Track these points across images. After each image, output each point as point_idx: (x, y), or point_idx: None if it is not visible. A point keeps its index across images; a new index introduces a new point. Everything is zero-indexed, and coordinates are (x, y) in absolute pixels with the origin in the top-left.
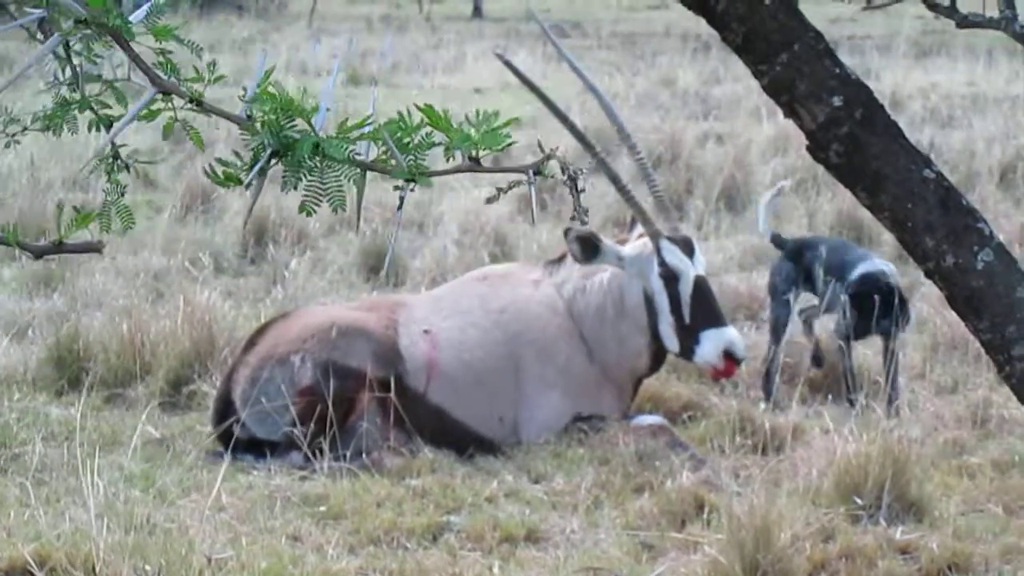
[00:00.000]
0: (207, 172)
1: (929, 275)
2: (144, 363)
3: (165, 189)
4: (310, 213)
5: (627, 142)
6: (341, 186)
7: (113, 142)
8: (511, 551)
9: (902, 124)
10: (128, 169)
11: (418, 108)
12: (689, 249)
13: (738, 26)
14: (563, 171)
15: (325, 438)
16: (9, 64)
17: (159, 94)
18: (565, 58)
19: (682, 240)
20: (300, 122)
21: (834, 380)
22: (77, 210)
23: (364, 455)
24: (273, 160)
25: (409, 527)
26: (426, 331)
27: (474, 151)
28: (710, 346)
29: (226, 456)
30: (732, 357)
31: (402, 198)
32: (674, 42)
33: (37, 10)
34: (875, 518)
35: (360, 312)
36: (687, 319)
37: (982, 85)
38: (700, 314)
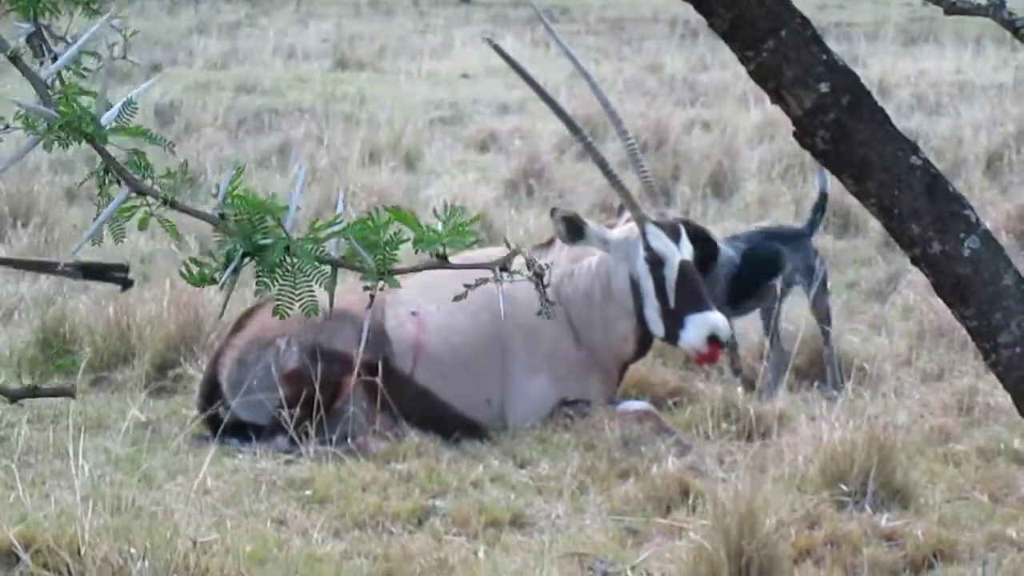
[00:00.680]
0: (182, 272)
1: (915, 262)
2: (130, 347)
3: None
4: (284, 316)
5: (618, 127)
6: (312, 290)
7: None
8: (496, 536)
9: (889, 111)
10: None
11: (386, 209)
12: (675, 234)
13: (725, 12)
14: (529, 267)
15: (311, 422)
16: None
17: (133, 193)
18: (558, 42)
19: (668, 225)
20: (270, 221)
21: (820, 368)
22: (55, 352)
23: (350, 439)
24: (245, 259)
25: (394, 511)
26: (413, 313)
27: (441, 248)
28: (695, 331)
29: (212, 440)
30: (716, 341)
31: (372, 296)
32: (661, 28)
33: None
34: (860, 505)
35: (346, 295)
36: (672, 303)
37: (970, 73)
38: (685, 299)
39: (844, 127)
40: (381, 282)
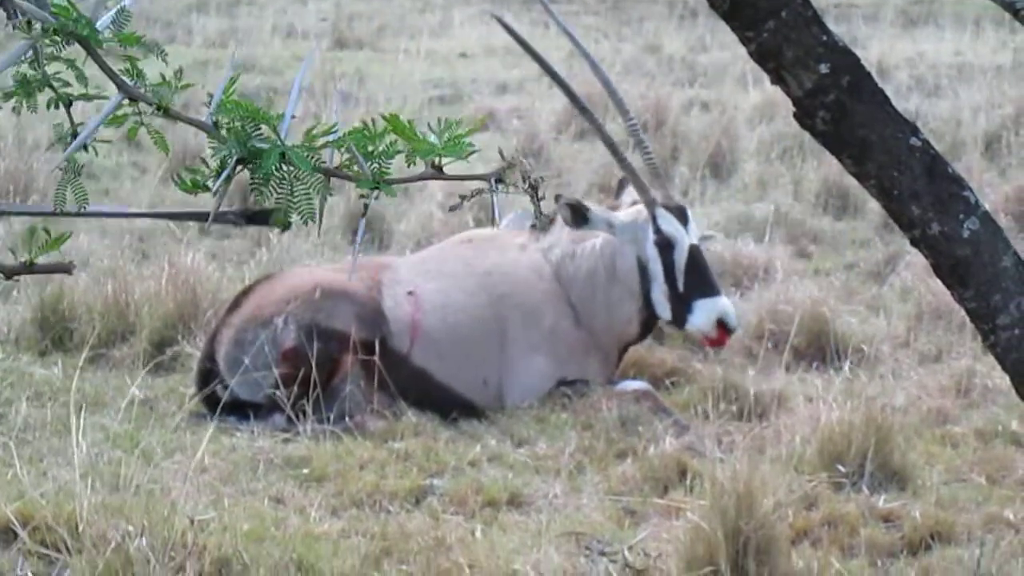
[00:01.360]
0: (175, 180)
1: (915, 243)
2: (128, 324)
3: (150, 150)
4: (286, 227)
5: (620, 107)
6: (310, 197)
7: (72, 120)
8: (494, 515)
9: (889, 93)
10: (86, 148)
11: (383, 117)
12: (684, 217)
13: None
14: (524, 179)
15: (308, 400)
16: None
17: (125, 100)
18: (557, 22)
19: (677, 208)
20: (265, 130)
21: (819, 348)
22: (48, 232)
23: (347, 418)
24: (238, 167)
25: (392, 490)
26: (410, 293)
27: (437, 159)
28: (703, 315)
29: (210, 418)
30: (725, 326)
31: (366, 205)
32: (661, 8)
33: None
34: (858, 486)
35: (344, 274)
36: (681, 287)
37: (969, 55)
38: (694, 283)
39: (844, 108)
40: (376, 191)
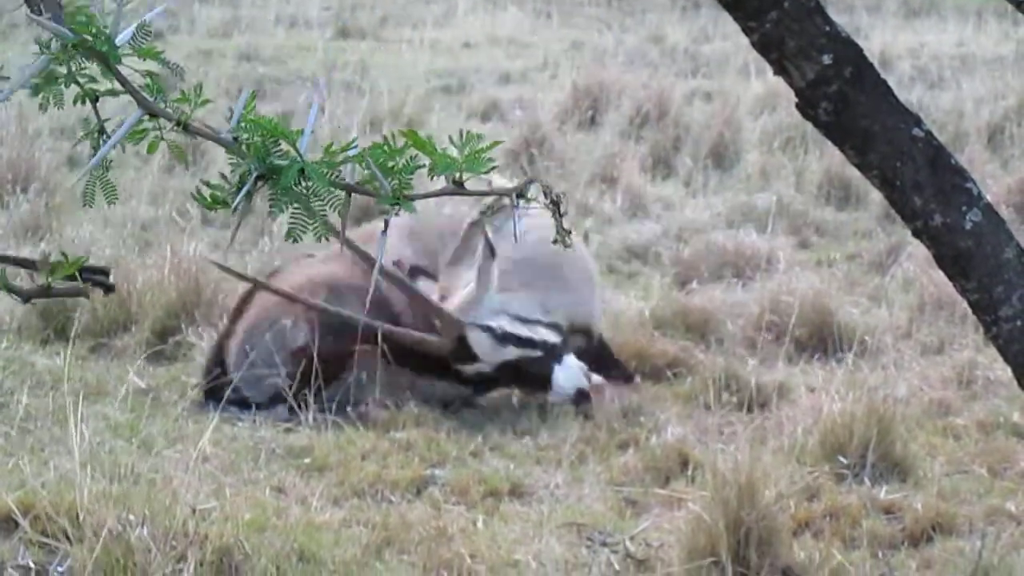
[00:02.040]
0: (195, 195)
1: (917, 234)
2: (130, 313)
3: None
4: (297, 240)
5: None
6: (327, 216)
7: (99, 116)
8: (495, 505)
9: (891, 84)
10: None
11: (402, 133)
12: None
13: None
14: (546, 195)
15: (310, 391)
16: None
17: (145, 115)
18: None
19: None
20: (284, 145)
21: (820, 339)
22: (65, 256)
23: (349, 407)
24: (258, 183)
25: (393, 480)
26: (396, 262)
27: (458, 174)
28: None
29: (212, 408)
30: None
31: (387, 221)
32: None
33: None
34: (859, 477)
35: (343, 265)
36: None
37: (971, 46)
38: None
39: (847, 99)
40: (396, 206)
